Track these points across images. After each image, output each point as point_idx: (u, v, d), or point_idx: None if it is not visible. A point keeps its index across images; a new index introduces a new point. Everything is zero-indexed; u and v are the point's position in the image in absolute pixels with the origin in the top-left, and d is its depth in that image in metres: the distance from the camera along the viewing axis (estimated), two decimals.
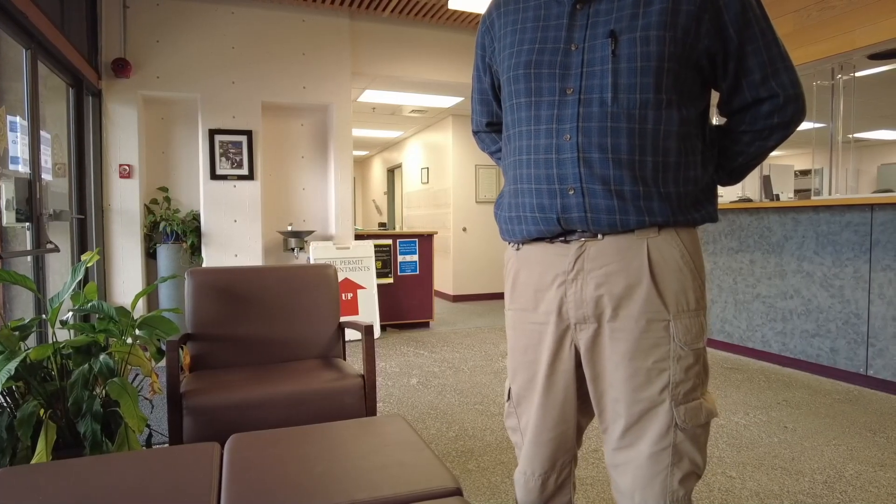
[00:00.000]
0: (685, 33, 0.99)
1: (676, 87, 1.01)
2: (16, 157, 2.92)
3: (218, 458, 1.34)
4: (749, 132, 1.10)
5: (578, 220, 1.04)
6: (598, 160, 1.01)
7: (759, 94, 1.05)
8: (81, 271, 1.92)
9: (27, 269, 3.19)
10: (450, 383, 3.61)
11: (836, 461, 2.40)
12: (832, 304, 3.64)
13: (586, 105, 1.02)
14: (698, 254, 1.08)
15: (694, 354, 1.04)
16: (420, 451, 1.37)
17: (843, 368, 3.57)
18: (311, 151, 5.27)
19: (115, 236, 4.41)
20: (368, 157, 12.22)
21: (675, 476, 1.03)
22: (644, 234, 1.04)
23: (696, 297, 1.05)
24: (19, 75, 3.11)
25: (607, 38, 1.01)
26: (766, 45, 1.03)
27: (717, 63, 1.05)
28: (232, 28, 4.70)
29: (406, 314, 5.39)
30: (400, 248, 5.36)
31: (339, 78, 5.03)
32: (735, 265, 4.32)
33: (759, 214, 4.11)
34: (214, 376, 2.08)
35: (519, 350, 1.18)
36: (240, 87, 4.73)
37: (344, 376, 2.08)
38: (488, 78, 1.29)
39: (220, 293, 2.32)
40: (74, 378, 1.73)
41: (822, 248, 3.69)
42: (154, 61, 4.51)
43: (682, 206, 1.04)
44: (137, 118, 4.46)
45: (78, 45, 3.84)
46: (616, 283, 1.04)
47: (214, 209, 4.67)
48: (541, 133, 1.07)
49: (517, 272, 1.18)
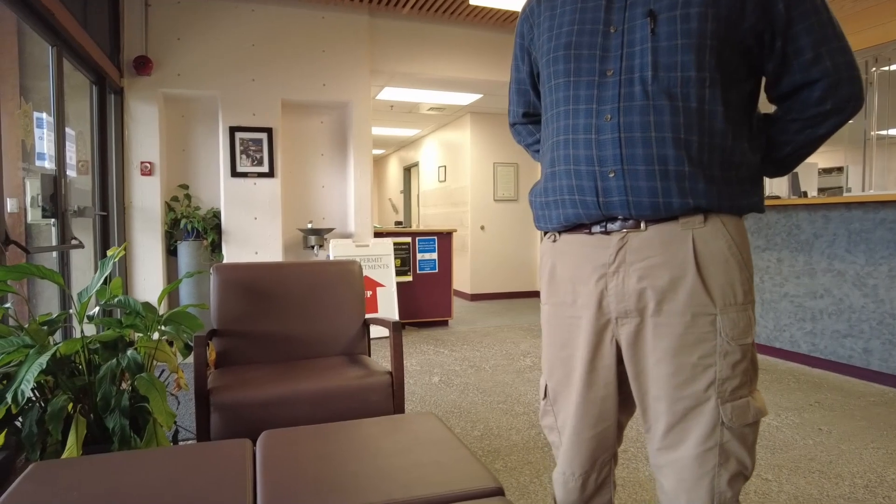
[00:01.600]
0: (729, 10, 0.95)
1: (720, 66, 0.97)
2: (42, 153, 2.93)
3: (251, 455, 1.32)
4: (798, 120, 1.04)
5: (619, 205, 1.00)
6: (640, 139, 0.97)
7: (811, 75, 0.99)
8: (110, 265, 1.91)
9: (52, 264, 3.20)
10: (472, 382, 3.57)
11: (877, 465, 2.32)
12: (865, 303, 3.54)
13: (627, 85, 0.98)
14: (746, 245, 1.02)
15: (741, 350, 0.99)
16: (456, 450, 1.33)
17: (876, 370, 3.47)
18: (330, 149, 5.26)
19: (137, 233, 4.43)
20: (385, 155, 12.22)
21: (723, 477, 0.98)
22: (689, 224, 0.99)
23: (745, 291, 1.00)
24: (43, 73, 3.13)
25: (646, 18, 0.97)
26: (819, 24, 0.97)
27: (765, 42, 0.99)
28: (252, 26, 4.70)
29: (425, 312, 5.36)
30: (419, 246, 5.33)
31: (359, 75, 5.01)
32: (762, 264, 4.23)
33: (788, 212, 4.02)
34: (240, 373, 2.06)
35: (556, 345, 1.14)
36: (260, 84, 4.73)
37: (371, 373, 2.05)
38: (526, 66, 1.25)
39: (245, 289, 2.30)
40: (102, 373, 1.72)
41: (855, 247, 3.59)
42: (175, 59, 4.52)
43: (729, 190, 0.99)
44: (158, 116, 4.48)
45: (100, 42, 3.86)
46: (660, 276, 0.99)
47: (235, 206, 4.68)
48: (580, 113, 1.03)
49: (553, 265, 1.14)
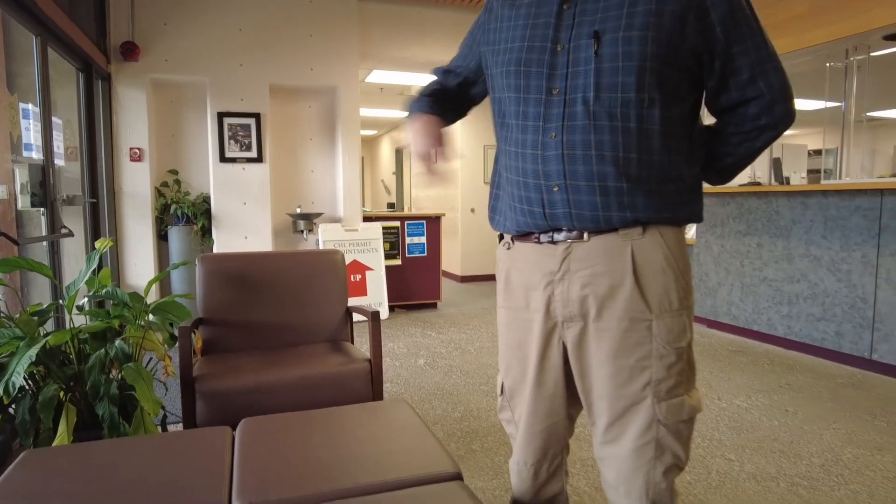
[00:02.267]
0: (669, 34, 1.00)
1: (660, 86, 1.02)
2: (29, 143, 2.97)
3: (230, 442, 1.41)
4: (737, 134, 1.11)
5: (563, 217, 1.07)
6: (581, 157, 1.03)
7: (746, 94, 1.06)
8: (96, 259, 1.98)
9: (42, 252, 3.26)
10: (456, 364, 3.68)
11: (835, 445, 2.44)
12: (839, 288, 3.64)
13: (571, 105, 1.04)
14: (683, 255, 1.09)
15: (676, 353, 1.07)
16: (423, 437, 1.42)
17: (847, 352, 3.59)
18: (318, 134, 5.28)
19: (127, 219, 4.48)
20: (377, 136, 12.19)
21: (658, 469, 1.07)
22: (629, 235, 1.06)
23: (680, 298, 1.07)
24: (28, 59, 3.15)
25: (591, 39, 1.02)
26: (754, 46, 1.04)
27: (704, 62, 1.05)
28: (239, 10, 4.69)
29: (414, 295, 5.45)
30: (408, 229, 5.39)
31: (347, 59, 5.01)
32: (742, 248, 4.32)
33: (768, 198, 4.09)
34: (226, 360, 2.15)
35: (512, 346, 1.22)
36: (248, 69, 4.74)
37: (351, 360, 2.13)
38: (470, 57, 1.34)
39: (230, 278, 2.38)
40: (92, 363, 1.80)
41: (831, 233, 3.68)
42: (162, 45, 4.52)
43: (666, 203, 1.06)
44: (146, 101, 4.49)
45: (86, 29, 3.86)
46: (601, 284, 1.07)
47: (224, 192, 4.72)
48: (528, 129, 1.09)
49: (508, 271, 1.22)
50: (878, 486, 2.09)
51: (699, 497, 2.03)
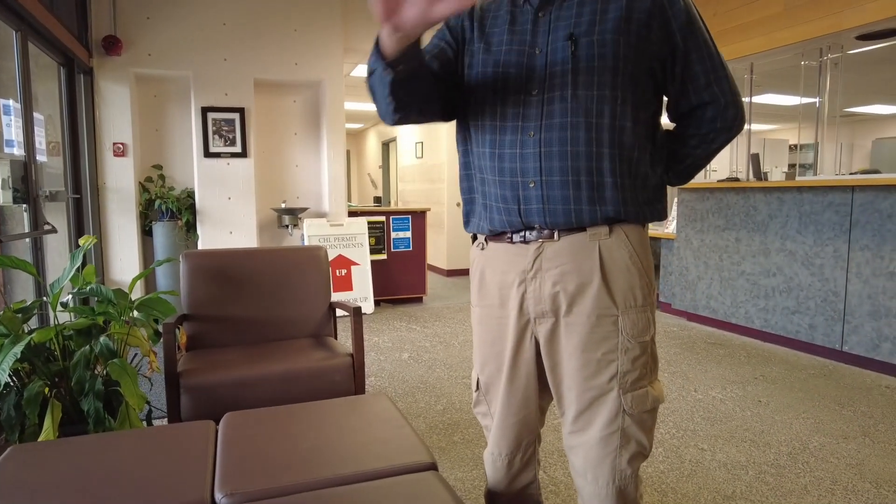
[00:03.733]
0: (637, 38, 1.08)
1: (631, 86, 1.09)
2: (10, 140, 2.96)
3: (213, 436, 1.45)
4: (696, 136, 1.18)
5: (537, 213, 1.12)
6: (557, 153, 1.09)
7: (703, 97, 1.14)
8: (80, 258, 2.00)
9: (25, 249, 3.26)
10: (440, 358, 3.73)
11: (803, 434, 2.53)
12: (812, 282, 3.74)
13: (549, 104, 1.10)
14: (646, 253, 1.16)
15: (641, 346, 1.13)
16: (401, 428, 1.47)
17: (820, 344, 3.69)
18: (303, 128, 5.29)
19: (111, 215, 4.47)
20: (363, 129, 12.17)
21: (623, 457, 1.13)
22: (596, 235, 1.12)
23: (644, 294, 1.14)
24: (7, 53, 3.13)
25: (567, 41, 1.09)
26: (708, 55, 1.12)
27: (667, 67, 1.13)
28: (223, 4, 4.67)
29: (399, 289, 5.49)
30: (393, 224, 5.43)
31: (332, 54, 5.02)
32: (721, 243, 4.42)
33: (746, 193, 4.19)
34: (210, 356, 2.18)
35: (487, 343, 1.28)
36: (232, 64, 4.73)
37: (334, 355, 2.18)
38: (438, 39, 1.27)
39: (214, 275, 2.40)
40: (76, 359, 1.83)
41: (805, 228, 3.78)
42: (145, 39, 4.50)
43: (634, 199, 1.12)
44: (130, 96, 4.48)
45: (67, 23, 3.83)
46: (570, 282, 1.13)
47: (209, 187, 4.72)
48: (507, 129, 1.14)
49: (483, 271, 1.27)
50: (841, 473, 2.18)
51: (671, 485, 2.10)
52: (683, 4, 1.10)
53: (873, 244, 3.37)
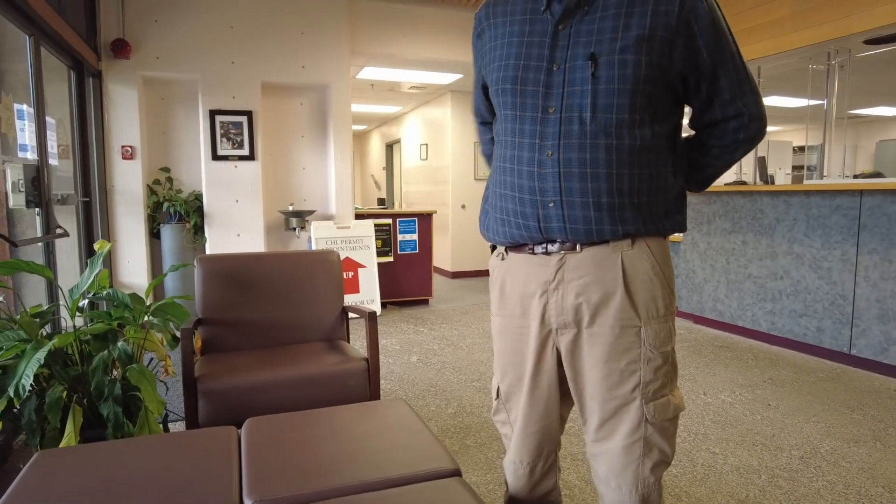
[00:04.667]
0: (660, 57, 1.06)
1: (650, 106, 1.09)
2: (24, 144, 2.97)
3: (236, 441, 1.46)
4: (718, 146, 1.19)
5: (558, 230, 1.13)
6: (577, 174, 1.09)
7: (728, 112, 1.14)
8: (99, 263, 2.01)
9: (36, 252, 3.27)
10: (449, 360, 3.75)
11: (814, 437, 2.54)
12: (820, 285, 3.75)
13: (567, 123, 1.09)
14: (667, 264, 1.17)
15: (662, 356, 1.14)
16: (421, 434, 1.48)
17: (828, 347, 3.70)
18: (310, 131, 5.30)
19: (120, 217, 4.48)
20: (367, 131, 12.18)
21: (647, 465, 1.15)
22: (618, 247, 1.12)
23: (665, 305, 1.15)
24: (16, 56, 3.14)
25: (587, 60, 1.07)
26: (735, 69, 1.12)
27: (690, 84, 1.13)
28: (231, 7, 4.69)
29: (406, 292, 5.51)
30: (400, 227, 5.44)
31: (338, 57, 5.03)
32: (728, 246, 4.42)
33: (753, 197, 4.19)
34: (225, 360, 2.19)
35: (507, 353, 1.28)
36: (239, 67, 4.74)
37: (348, 360, 2.19)
38: (476, 78, 1.35)
39: (228, 279, 2.42)
40: (95, 364, 1.84)
41: (812, 231, 3.78)
42: (153, 41, 4.51)
43: (653, 215, 1.13)
44: (138, 99, 4.49)
45: (76, 26, 3.85)
46: (593, 293, 1.13)
47: (216, 189, 4.74)
48: (525, 146, 1.14)
49: (503, 280, 1.28)
50: (853, 478, 2.19)
51: (685, 489, 2.11)
52: (711, 18, 1.08)
53: (881, 248, 3.37)
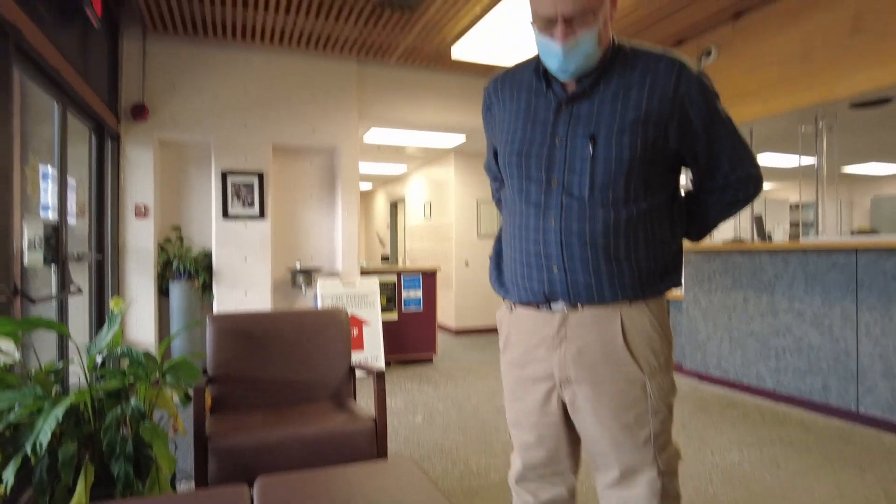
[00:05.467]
0: (655, 139, 1.16)
1: (647, 183, 1.18)
2: (46, 204, 3.09)
3: (248, 501, 1.47)
4: (718, 204, 1.28)
5: (561, 292, 1.21)
6: (577, 243, 1.18)
7: (729, 179, 1.24)
8: (117, 322, 2.07)
9: (47, 307, 3.32)
10: (454, 421, 3.72)
11: (826, 499, 2.51)
12: (822, 342, 3.77)
13: (568, 196, 1.19)
14: (665, 319, 1.24)
15: (667, 408, 1.20)
16: (430, 492, 1.49)
17: (835, 405, 3.68)
18: (319, 190, 5.46)
19: (130, 274, 4.56)
20: (372, 190, 12.46)
21: None
22: (618, 305, 1.20)
23: (665, 358, 1.21)
24: (40, 118, 3.29)
25: (587, 139, 1.17)
26: (732, 143, 1.21)
27: (688, 155, 1.23)
28: (245, 73, 4.93)
29: (410, 349, 5.51)
30: (404, 283, 5.50)
31: (347, 120, 5.25)
32: (729, 302, 4.47)
33: (751, 254, 4.27)
34: (235, 418, 2.21)
35: (516, 405, 1.34)
36: (252, 129, 4.94)
37: (356, 419, 2.21)
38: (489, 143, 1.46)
39: (239, 337, 2.46)
40: (108, 422, 1.86)
41: (812, 288, 3.84)
42: (170, 105, 4.72)
43: (651, 279, 1.21)
44: (153, 159, 4.66)
45: (100, 91, 4.04)
46: (595, 349, 1.20)
47: (226, 248, 4.84)
48: (531, 214, 1.23)
49: (509, 332, 1.35)
50: None
51: None
52: (704, 99, 1.17)
53: (880, 304, 3.42)
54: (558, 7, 1.09)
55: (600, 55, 1.18)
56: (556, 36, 1.12)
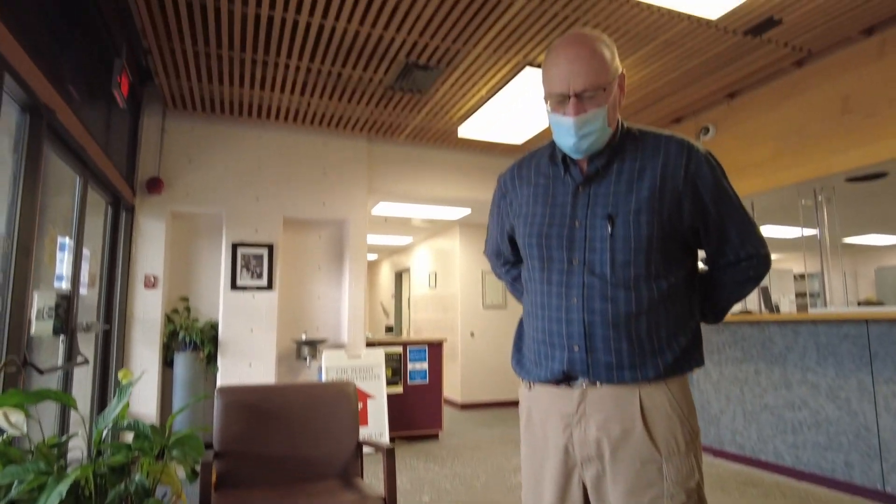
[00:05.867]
0: (670, 216, 1.21)
1: (665, 259, 1.22)
2: (60, 275, 3.13)
3: None
4: (731, 283, 1.31)
5: (581, 371, 1.21)
6: (599, 322, 1.19)
7: (740, 255, 1.28)
8: (127, 394, 2.04)
9: (53, 378, 3.29)
10: (462, 501, 3.57)
11: None
12: (840, 416, 3.67)
13: (589, 275, 1.21)
14: (686, 399, 1.22)
15: (686, 492, 1.15)
16: None
17: (859, 484, 3.53)
18: (326, 262, 5.52)
19: (136, 345, 4.53)
20: (377, 260, 12.57)
21: None
22: (637, 384, 1.19)
23: (686, 441, 1.18)
24: (57, 189, 3.38)
25: (605, 220, 1.22)
26: (739, 217, 1.26)
27: (701, 232, 1.27)
28: (259, 149, 5.11)
29: (415, 424, 5.36)
30: (410, 355, 5.44)
31: (357, 194, 5.39)
32: (741, 375, 4.39)
33: (760, 326, 4.24)
34: (241, 496, 2.14)
35: (533, 483, 1.30)
36: (263, 203, 5.06)
37: (365, 498, 2.13)
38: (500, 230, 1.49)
39: (246, 411, 2.42)
40: (111, 499, 1.80)
41: (824, 360, 3.78)
42: (185, 179, 4.86)
43: (672, 358, 1.21)
44: (165, 231, 4.73)
45: (119, 165, 4.18)
46: (613, 427, 1.18)
47: (233, 319, 4.83)
48: (552, 294, 1.26)
49: (530, 411, 1.33)
50: None
51: None
52: (713, 177, 1.23)
53: None
54: (570, 84, 1.16)
55: (610, 134, 1.24)
56: (569, 111, 1.18)
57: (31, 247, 2.39)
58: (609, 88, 1.19)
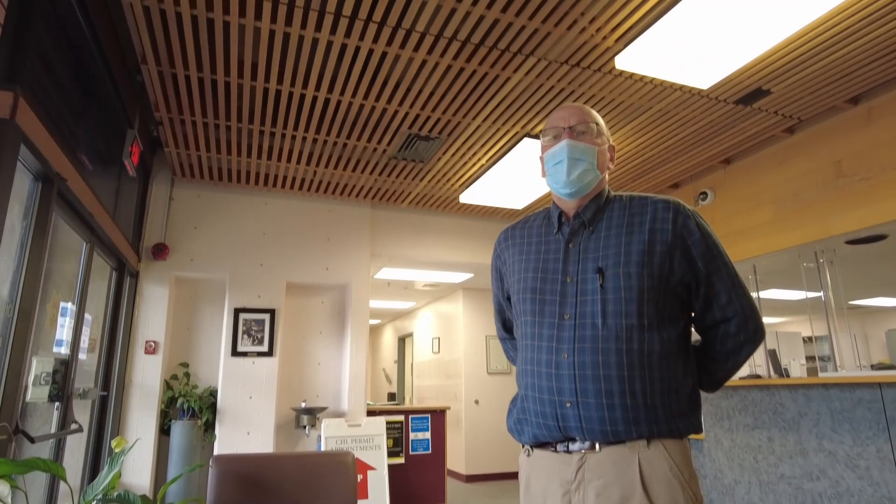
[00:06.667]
0: (660, 269, 1.23)
1: (656, 312, 1.21)
2: (60, 340, 3.12)
3: None
4: (722, 351, 1.29)
5: (575, 429, 1.19)
6: (591, 376, 1.18)
7: (727, 312, 1.27)
8: (119, 463, 1.99)
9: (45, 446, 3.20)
10: None
11: None
12: (862, 486, 3.51)
13: (581, 329, 1.21)
14: (687, 464, 1.18)
15: None
16: None
17: None
18: (328, 326, 5.49)
19: (132, 411, 4.44)
20: (380, 325, 12.48)
21: None
22: (635, 447, 1.16)
23: None
24: (60, 254, 3.41)
25: (596, 273, 1.24)
26: (728, 275, 1.28)
27: (691, 289, 1.28)
28: (264, 216, 5.20)
29: (417, 498, 5.15)
30: (412, 424, 5.30)
31: (360, 259, 5.42)
32: (754, 442, 4.24)
33: (770, 390, 4.14)
34: None
35: None
36: (267, 268, 5.09)
37: None
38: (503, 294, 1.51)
39: (242, 482, 2.34)
40: None
41: (839, 426, 3.66)
42: (189, 245, 4.91)
43: (666, 417, 1.18)
44: (168, 297, 4.74)
45: (125, 231, 4.25)
46: (613, 494, 1.14)
47: (232, 385, 4.75)
48: (543, 349, 1.25)
49: (528, 478, 1.30)
50: None
51: None
52: (700, 234, 1.26)
53: None
54: (568, 120, 1.32)
55: (598, 179, 1.32)
56: (563, 137, 1.31)
57: (32, 312, 2.40)
58: (601, 141, 1.30)
